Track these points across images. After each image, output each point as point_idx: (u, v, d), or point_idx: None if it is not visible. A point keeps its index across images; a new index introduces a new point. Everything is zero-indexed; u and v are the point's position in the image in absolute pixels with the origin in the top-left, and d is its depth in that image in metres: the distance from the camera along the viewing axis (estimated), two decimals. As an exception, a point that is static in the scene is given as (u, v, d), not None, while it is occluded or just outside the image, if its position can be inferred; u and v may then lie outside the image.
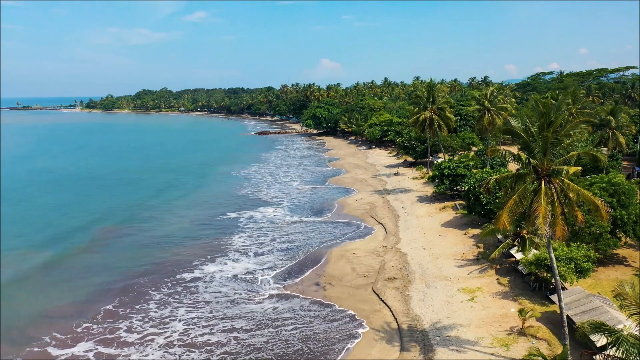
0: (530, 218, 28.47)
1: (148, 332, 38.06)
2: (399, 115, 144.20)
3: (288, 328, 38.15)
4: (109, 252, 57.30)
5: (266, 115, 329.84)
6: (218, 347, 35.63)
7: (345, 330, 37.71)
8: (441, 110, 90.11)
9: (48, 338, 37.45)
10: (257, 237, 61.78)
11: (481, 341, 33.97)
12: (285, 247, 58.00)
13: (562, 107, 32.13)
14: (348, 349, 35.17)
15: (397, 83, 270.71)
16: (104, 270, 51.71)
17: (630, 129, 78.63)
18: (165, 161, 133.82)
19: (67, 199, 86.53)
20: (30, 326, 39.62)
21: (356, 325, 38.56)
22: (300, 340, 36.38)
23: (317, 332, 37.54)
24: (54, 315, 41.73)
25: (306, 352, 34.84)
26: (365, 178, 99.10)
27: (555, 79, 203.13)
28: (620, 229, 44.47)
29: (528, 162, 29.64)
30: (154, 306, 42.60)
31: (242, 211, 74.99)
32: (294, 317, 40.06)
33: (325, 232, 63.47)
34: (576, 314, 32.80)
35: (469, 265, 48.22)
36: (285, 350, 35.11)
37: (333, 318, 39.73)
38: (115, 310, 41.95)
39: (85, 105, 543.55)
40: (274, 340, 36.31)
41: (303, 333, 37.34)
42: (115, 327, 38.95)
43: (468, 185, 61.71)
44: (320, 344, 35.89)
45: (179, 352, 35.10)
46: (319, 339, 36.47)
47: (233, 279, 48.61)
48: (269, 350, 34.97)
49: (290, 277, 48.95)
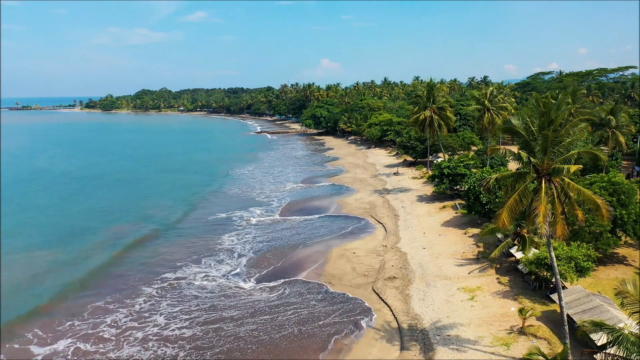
0: (530, 217, 28.43)
1: (128, 327, 38.86)
2: (398, 115, 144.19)
3: (288, 328, 38.20)
4: (107, 251, 57.41)
5: (266, 115, 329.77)
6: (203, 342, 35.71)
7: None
8: (441, 110, 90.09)
9: (31, 335, 38.04)
10: (258, 237, 61.77)
11: (481, 340, 33.95)
12: (284, 247, 57.95)
13: (562, 107, 32.04)
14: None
15: (397, 83, 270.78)
16: (101, 268, 52.28)
17: (630, 128, 78.65)
18: (166, 161, 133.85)
19: (69, 199, 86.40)
20: (18, 323, 40.14)
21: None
22: (300, 338, 36.44)
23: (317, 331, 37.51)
24: (43, 312, 42.31)
25: (305, 350, 34.91)
26: (364, 177, 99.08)
27: (554, 78, 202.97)
28: (620, 228, 44.47)
29: (528, 161, 29.62)
30: (141, 302, 43.42)
31: (242, 210, 74.93)
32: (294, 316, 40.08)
33: (326, 231, 63.41)
34: (576, 312, 32.78)
35: (469, 265, 48.19)
36: (286, 348, 35.20)
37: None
38: (105, 306, 42.64)
39: (85, 105, 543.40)
40: (287, 338, 36.35)
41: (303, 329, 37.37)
42: (100, 322, 39.72)
43: (468, 185, 61.71)
44: (321, 341, 35.88)
45: (155, 346, 35.80)
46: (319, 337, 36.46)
47: (222, 278, 48.65)
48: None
49: (289, 275, 48.94)
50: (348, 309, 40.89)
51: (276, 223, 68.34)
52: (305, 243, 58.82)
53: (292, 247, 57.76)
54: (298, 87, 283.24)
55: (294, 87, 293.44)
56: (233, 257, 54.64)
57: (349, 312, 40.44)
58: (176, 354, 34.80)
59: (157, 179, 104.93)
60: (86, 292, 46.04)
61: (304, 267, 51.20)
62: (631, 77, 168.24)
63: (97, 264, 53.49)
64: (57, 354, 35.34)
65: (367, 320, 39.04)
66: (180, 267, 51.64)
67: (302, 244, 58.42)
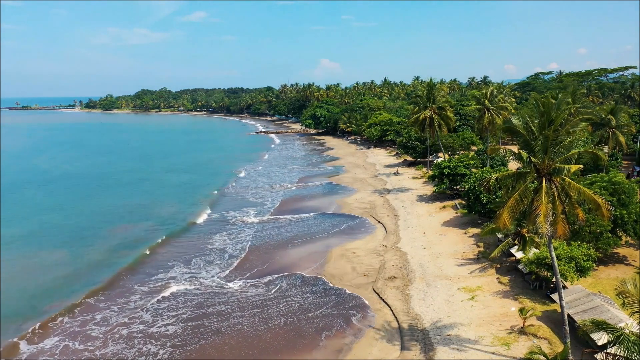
0: (531, 217, 28.43)
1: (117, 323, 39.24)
2: (398, 115, 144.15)
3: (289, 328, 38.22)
4: (107, 251, 57.48)
5: (266, 115, 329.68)
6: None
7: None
8: (441, 110, 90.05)
9: (22, 333, 38.36)
10: (257, 236, 61.72)
11: (482, 340, 33.94)
12: (285, 245, 57.93)
13: (562, 106, 32.04)
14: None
15: (397, 83, 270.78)
16: (99, 265, 52.65)
17: (630, 128, 78.65)
18: (167, 161, 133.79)
19: (71, 199, 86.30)
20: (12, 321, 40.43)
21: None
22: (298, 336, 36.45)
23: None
24: (36, 311, 42.44)
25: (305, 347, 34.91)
26: (364, 177, 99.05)
27: (554, 78, 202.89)
28: (620, 228, 44.47)
29: (529, 161, 29.61)
30: (133, 300, 43.84)
31: (241, 209, 74.97)
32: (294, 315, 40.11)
33: (325, 230, 63.36)
34: (577, 312, 32.77)
35: (470, 265, 48.18)
36: (285, 345, 35.22)
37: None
38: (95, 304, 43.06)
39: (85, 105, 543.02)
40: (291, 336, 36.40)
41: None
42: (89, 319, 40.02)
43: (468, 185, 61.69)
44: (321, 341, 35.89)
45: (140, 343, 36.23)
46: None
47: (218, 278, 48.68)
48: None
49: (291, 275, 48.94)
50: (348, 307, 40.88)
51: (274, 222, 68.23)
52: (304, 243, 58.77)
53: (291, 246, 57.70)
54: (298, 87, 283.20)
55: (294, 87, 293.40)
56: (224, 257, 54.50)
57: (349, 310, 40.42)
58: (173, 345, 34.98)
59: (158, 179, 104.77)
60: (79, 291, 46.13)
61: (304, 266, 51.12)
62: (631, 77, 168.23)
63: (97, 263, 53.52)
64: (44, 352, 35.60)
65: (367, 319, 39.03)
66: (172, 267, 51.71)
67: (302, 244, 58.35)
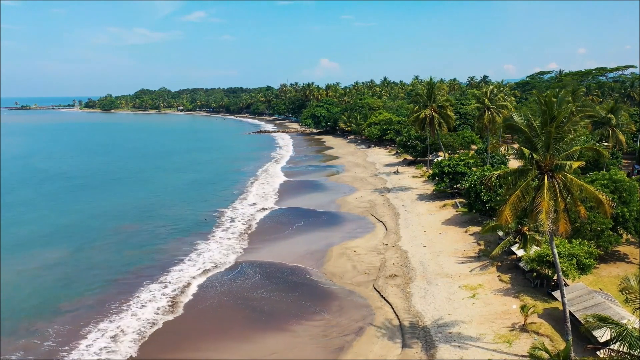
0: (532, 214, 28.39)
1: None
2: (398, 114, 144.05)
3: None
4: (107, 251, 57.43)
5: (265, 115, 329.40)
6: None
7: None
8: (441, 109, 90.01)
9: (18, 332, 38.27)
10: (258, 236, 61.69)
11: (483, 337, 33.88)
12: (285, 245, 57.84)
13: (563, 104, 32.01)
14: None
15: (397, 82, 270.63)
16: (101, 265, 52.42)
17: (630, 127, 78.68)
18: (169, 161, 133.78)
19: (74, 199, 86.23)
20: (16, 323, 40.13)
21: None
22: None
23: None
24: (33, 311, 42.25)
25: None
26: (364, 176, 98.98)
27: (554, 78, 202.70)
28: (621, 225, 44.45)
29: (531, 157, 29.54)
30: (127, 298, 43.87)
31: (241, 209, 74.90)
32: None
33: (325, 229, 63.25)
34: (578, 310, 32.73)
35: (470, 263, 48.13)
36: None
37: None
38: (94, 306, 42.71)
39: (84, 105, 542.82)
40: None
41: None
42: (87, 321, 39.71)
43: (468, 183, 61.62)
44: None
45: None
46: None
47: (216, 278, 48.52)
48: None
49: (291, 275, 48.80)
50: (348, 305, 40.82)
51: (274, 221, 68.19)
52: (304, 241, 58.65)
53: (291, 245, 57.61)
54: (297, 87, 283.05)
55: (294, 87, 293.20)
56: (224, 254, 54.50)
57: (350, 308, 40.36)
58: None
59: (159, 179, 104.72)
60: (74, 289, 46.11)
61: (304, 264, 51.01)
62: (630, 77, 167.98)
63: (96, 262, 53.39)
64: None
65: (368, 317, 38.96)
66: (172, 265, 51.62)
67: (301, 242, 58.24)
